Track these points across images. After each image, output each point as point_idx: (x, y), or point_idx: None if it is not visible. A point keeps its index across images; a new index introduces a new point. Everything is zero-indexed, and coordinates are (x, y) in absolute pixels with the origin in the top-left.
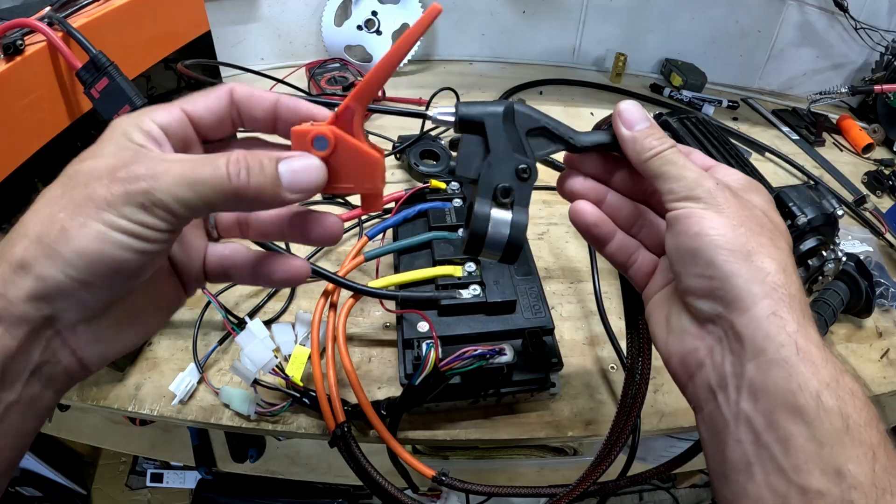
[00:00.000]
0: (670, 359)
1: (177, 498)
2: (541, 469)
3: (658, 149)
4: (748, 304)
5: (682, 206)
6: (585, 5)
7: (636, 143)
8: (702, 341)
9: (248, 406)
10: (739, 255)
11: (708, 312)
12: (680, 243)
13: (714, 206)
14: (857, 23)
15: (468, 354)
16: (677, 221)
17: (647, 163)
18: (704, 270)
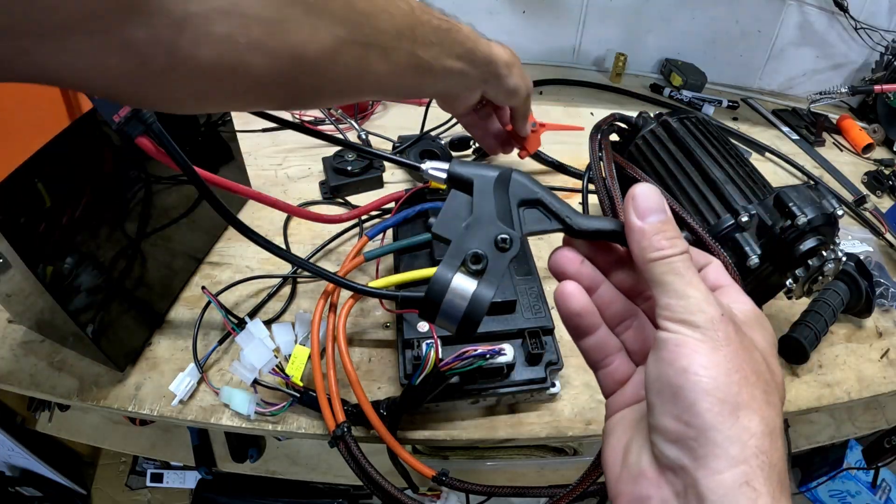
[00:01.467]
0: (617, 498)
1: (177, 498)
2: (541, 469)
3: (666, 252)
4: (721, 465)
5: (675, 329)
6: (585, 5)
7: (643, 237)
8: (657, 490)
9: (248, 406)
10: (726, 407)
11: (672, 460)
12: (662, 374)
13: (711, 341)
14: (857, 23)
15: (468, 354)
16: (665, 347)
17: (650, 265)
18: (682, 414)
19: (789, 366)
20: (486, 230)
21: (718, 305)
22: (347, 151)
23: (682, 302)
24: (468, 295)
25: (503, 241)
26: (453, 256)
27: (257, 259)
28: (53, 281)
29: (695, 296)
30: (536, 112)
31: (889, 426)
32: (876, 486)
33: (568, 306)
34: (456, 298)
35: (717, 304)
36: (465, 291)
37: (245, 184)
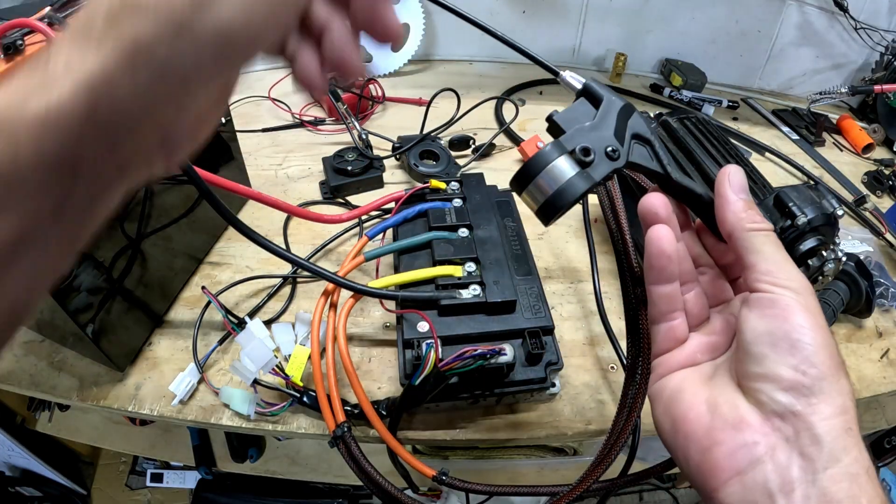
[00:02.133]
0: (714, 448)
1: (177, 498)
2: (541, 469)
3: (763, 225)
4: (831, 412)
5: (782, 292)
6: (585, 5)
7: (742, 209)
8: (763, 436)
9: (248, 406)
10: (836, 364)
11: (785, 406)
12: (778, 329)
13: (812, 306)
14: (857, 23)
15: (468, 354)
16: (776, 305)
17: (749, 234)
18: (801, 364)
19: None
20: (601, 137)
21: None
22: (348, 151)
23: (783, 270)
24: (565, 177)
25: (613, 152)
26: (564, 143)
27: (257, 259)
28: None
29: (792, 268)
30: (537, 112)
31: (889, 426)
32: None
33: (661, 246)
34: (554, 174)
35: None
36: (563, 173)
37: (245, 184)
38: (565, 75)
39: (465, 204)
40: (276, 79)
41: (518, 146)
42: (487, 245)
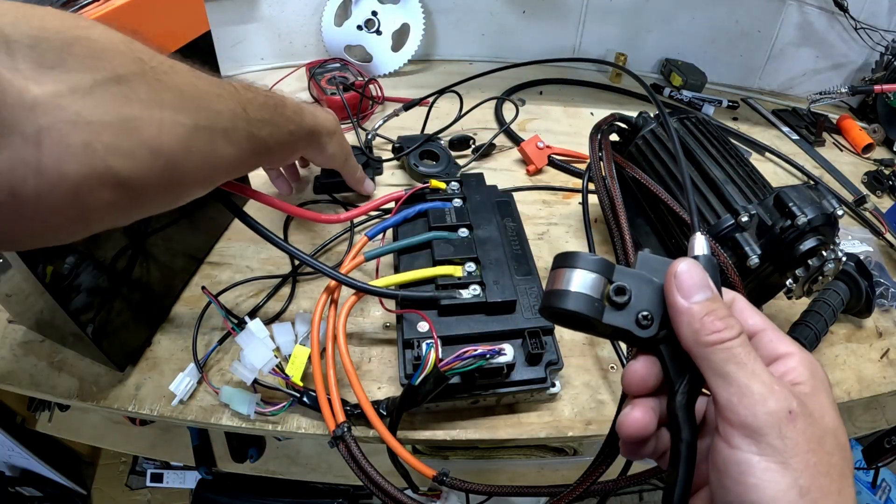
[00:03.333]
0: None
1: (177, 498)
2: (541, 469)
3: (723, 335)
4: None
5: (737, 444)
6: (585, 5)
7: (694, 319)
8: None
9: (248, 406)
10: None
11: None
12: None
13: (779, 455)
14: (857, 23)
15: (468, 354)
16: (727, 472)
17: (707, 350)
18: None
19: None
20: (649, 300)
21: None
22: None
23: (745, 401)
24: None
25: (644, 318)
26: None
27: (257, 259)
28: (53, 281)
29: (758, 391)
30: (537, 112)
31: (889, 426)
32: (876, 486)
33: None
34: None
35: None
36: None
37: (245, 183)
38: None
39: (465, 204)
40: (276, 79)
41: (518, 146)
42: (487, 245)
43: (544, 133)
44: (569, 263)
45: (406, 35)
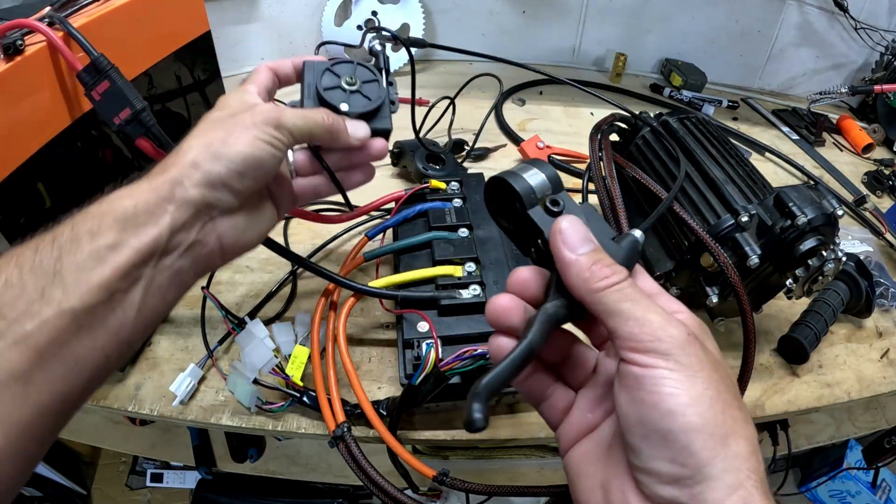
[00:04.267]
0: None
1: (177, 498)
2: (541, 469)
3: (612, 279)
4: (720, 496)
5: (646, 362)
6: (585, 5)
7: (582, 269)
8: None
9: (250, 398)
10: (717, 440)
11: (668, 499)
12: (646, 418)
13: (686, 368)
14: (857, 23)
15: (468, 354)
16: (641, 385)
17: (599, 295)
18: (677, 456)
19: (789, 366)
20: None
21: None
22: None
23: (645, 329)
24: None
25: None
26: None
27: (257, 259)
28: None
29: (656, 320)
30: (537, 112)
31: (889, 426)
32: (876, 486)
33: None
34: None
35: (679, 323)
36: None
37: None
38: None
39: (465, 204)
40: None
41: (518, 146)
42: (487, 245)
43: (544, 133)
44: (535, 164)
45: (406, 35)
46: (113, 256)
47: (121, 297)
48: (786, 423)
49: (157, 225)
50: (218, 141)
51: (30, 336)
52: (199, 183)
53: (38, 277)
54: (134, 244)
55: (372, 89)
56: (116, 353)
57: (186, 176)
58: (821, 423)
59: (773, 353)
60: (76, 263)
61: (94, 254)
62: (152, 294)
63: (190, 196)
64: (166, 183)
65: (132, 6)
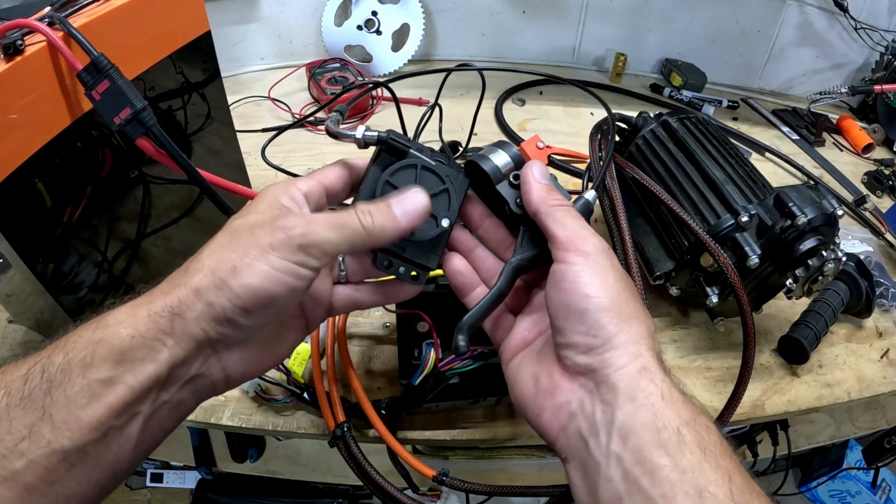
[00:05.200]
0: (541, 414)
1: (177, 498)
2: (541, 469)
3: (562, 202)
4: (623, 361)
5: (572, 259)
6: (585, 5)
7: (542, 190)
8: (573, 394)
9: (250, 384)
10: (622, 319)
11: (584, 366)
12: (569, 302)
13: (601, 266)
14: (857, 23)
15: (468, 354)
16: (565, 277)
17: (552, 209)
18: (590, 329)
19: (789, 366)
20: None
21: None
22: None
23: (579, 237)
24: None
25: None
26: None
27: None
28: (53, 280)
29: (586, 232)
30: (537, 112)
31: (889, 426)
32: (876, 486)
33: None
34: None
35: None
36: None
37: (245, 184)
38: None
39: None
40: (276, 79)
41: (518, 146)
42: None
43: (544, 133)
44: (500, 146)
45: (406, 35)
46: (106, 393)
47: (115, 434)
48: (786, 423)
49: (154, 361)
50: (227, 267)
51: (18, 474)
52: (200, 316)
53: (27, 412)
54: (129, 381)
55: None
56: (112, 484)
57: (188, 306)
58: (821, 423)
59: (773, 353)
60: (67, 399)
61: (86, 389)
62: (150, 427)
63: (190, 330)
64: (166, 312)
65: (132, 6)
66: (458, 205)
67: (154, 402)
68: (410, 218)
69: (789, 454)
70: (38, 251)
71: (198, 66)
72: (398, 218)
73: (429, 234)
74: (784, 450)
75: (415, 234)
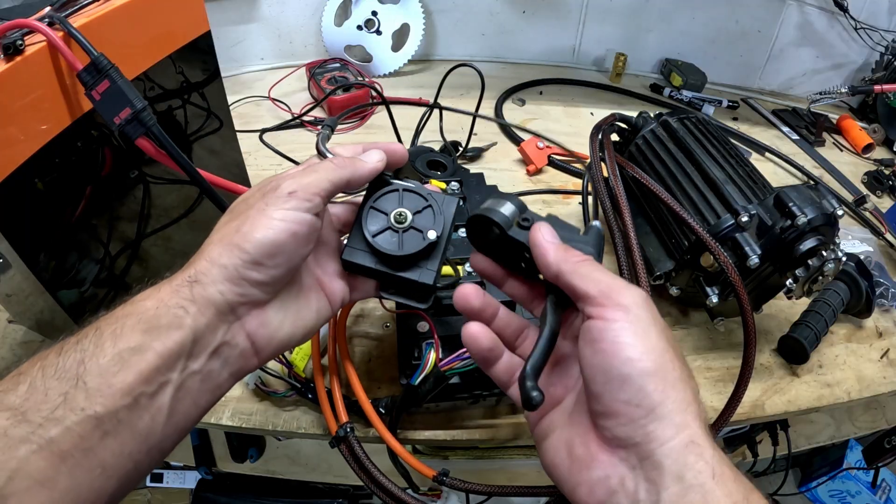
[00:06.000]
0: (577, 488)
1: (177, 498)
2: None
3: (583, 257)
4: (669, 433)
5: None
6: (585, 5)
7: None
8: (613, 469)
9: (250, 376)
10: (668, 384)
11: (625, 440)
12: (609, 366)
13: (642, 321)
14: (857, 23)
15: (468, 354)
16: (603, 337)
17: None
18: (633, 397)
19: (789, 366)
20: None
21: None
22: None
23: (611, 288)
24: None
25: (524, 220)
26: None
27: None
28: (53, 280)
29: (619, 283)
30: (537, 112)
31: (889, 426)
32: (876, 486)
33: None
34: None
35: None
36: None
37: (245, 184)
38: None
39: (465, 204)
40: (276, 79)
41: (518, 146)
42: None
43: (544, 133)
44: (504, 197)
45: (406, 35)
46: (136, 360)
47: (147, 401)
48: (786, 423)
49: (180, 327)
50: (233, 231)
51: (54, 442)
52: (217, 279)
53: (62, 382)
54: (157, 348)
55: (426, 219)
56: (147, 459)
57: (204, 273)
58: (821, 423)
59: (773, 353)
60: (99, 367)
61: (117, 357)
62: (182, 399)
63: (209, 295)
64: (185, 282)
65: (132, 6)
66: (444, 218)
67: (183, 370)
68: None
69: (789, 454)
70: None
71: (198, 66)
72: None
73: (416, 246)
74: (784, 450)
75: (403, 248)
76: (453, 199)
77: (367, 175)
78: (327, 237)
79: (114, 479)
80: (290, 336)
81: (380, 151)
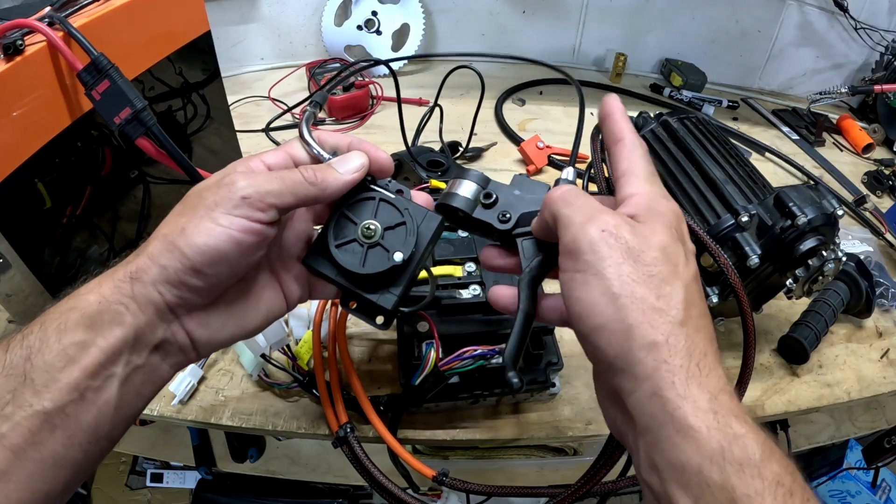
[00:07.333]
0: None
1: (177, 498)
2: (541, 469)
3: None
4: (632, 385)
5: (563, 265)
6: (585, 5)
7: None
8: (616, 411)
9: (255, 366)
10: (620, 335)
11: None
12: (571, 323)
13: (593, 267)
14: (857, 23)
15: (468, 354)
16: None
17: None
18: (592, 354)
19: (789, 366)
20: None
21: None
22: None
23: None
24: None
25: (504, 215)
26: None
27: None
28: (54, 281)
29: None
30: (537, 112)
31: (889, 426)
32: (876, 486)
33: (505, 307)
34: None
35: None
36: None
37: None
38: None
39: None
40: (276, 79)
41: (518, 146)
42: None
43: (544, 133)
44: (462, 175)
45: (406, 35)
46: (81, 356)
47: (93, 395)
48: (786, 423)
49: (121, 324)
50: (177, 230)
51: (5, 437)
52: (156, 280)
53: (9, 379)
54: (101, 344)
55: (396, 238)
56: (97, 449)
57: (144, 271)
58: (821, 423)
59: (773, 353)
60: (45, 363)
61: (62, 353)
62: (127, 391)
63: (149, 294)
64: (126, 278)
65: (132, 6)
66: (415, 240)
67: (127, 365)
68: (351, 172)
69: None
70: (38, 251)
71: (198, 66)
72: (339, 172)
73: (379, 266)
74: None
75: (365, 266)
76: (436, 218)
77: (338, 193)
78: (299, 228)
79: (66, 469)
80: (231, 336)
81: (363, 157)
